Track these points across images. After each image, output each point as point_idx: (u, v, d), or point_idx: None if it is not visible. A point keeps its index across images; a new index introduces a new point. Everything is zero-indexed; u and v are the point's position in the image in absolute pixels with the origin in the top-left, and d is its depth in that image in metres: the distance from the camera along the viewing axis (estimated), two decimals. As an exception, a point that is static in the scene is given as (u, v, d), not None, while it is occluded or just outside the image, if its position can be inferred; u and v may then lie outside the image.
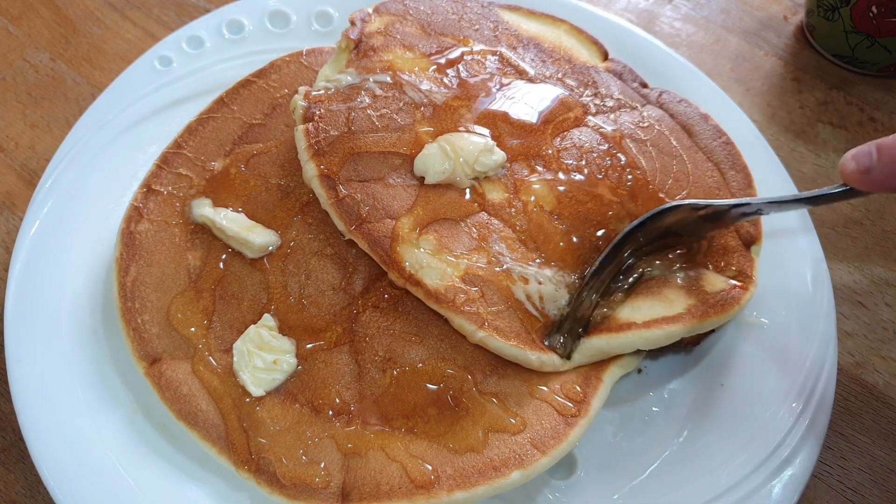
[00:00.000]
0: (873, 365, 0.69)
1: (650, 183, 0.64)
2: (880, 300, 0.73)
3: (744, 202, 0.59)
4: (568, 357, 0.56)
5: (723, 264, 0.62)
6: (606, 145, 0.65)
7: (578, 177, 0.63)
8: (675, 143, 0.68)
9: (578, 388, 0.56)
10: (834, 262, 0.75)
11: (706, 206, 0.59)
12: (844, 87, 0.88)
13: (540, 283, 0.56)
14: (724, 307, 0.58)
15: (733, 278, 0.61)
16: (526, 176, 0.62)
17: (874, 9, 0.80)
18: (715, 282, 0.60)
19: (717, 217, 0.60)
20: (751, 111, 0.86)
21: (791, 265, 0.66)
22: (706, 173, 0.67)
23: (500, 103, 0.65)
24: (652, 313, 0.57)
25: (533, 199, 0.61)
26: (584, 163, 0.64)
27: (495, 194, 0.60)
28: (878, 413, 0.66)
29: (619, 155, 0.65)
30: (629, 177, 0.64)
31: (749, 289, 0.60)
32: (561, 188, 0.62)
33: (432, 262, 0.56)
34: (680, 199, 0.64)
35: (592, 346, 0.56)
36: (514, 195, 0.61)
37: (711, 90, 0.77)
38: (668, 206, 0.60)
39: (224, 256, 0.63)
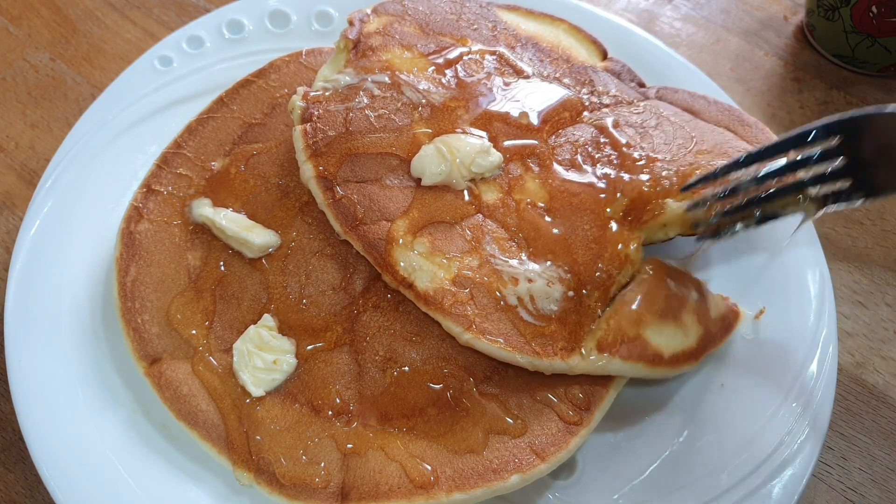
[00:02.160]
0: (873, 365, 0.69)
1: (650, 156, 0.63)
2: (880, 300, 0.73)
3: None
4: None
5: None
6: (602, 137, 0.65)
7: (573, 171, 0.63)
8: (675, 119, 0.68)
9: (582, 396, 0.56)
10: (834, 262, 0.75)
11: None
12: (844, 87, 0.88)
13: (530, 280, 0.56)
14: (722, 337, 0.60)
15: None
16: (521, 175, 0.62)
17: (874, 9, 0.80)
18: (718, 304, 0.61)
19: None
20: (751, 111, 0.86)
21: (791, 265, 0.66)
22: (716, 135, 0.66)
23: (497, 104, 0.65)
24: (674, 344, 0.57)
25: (528, 198, 0.60)
26: (579, 158, 0.63)
27: (491, 195, 0.60)
28: (878, 413, 0.66)
29: (615, 141, 0.65)
30: (627, 156, 0.63)
31: (740, 315, 0.62)
32: (554, 183, 0.62)
33: (425, 265, 0.56)
34: (691, 150, 0.63)
35: (616, 366, 0.55)
36: (510, 195, 0.61)
37: (711, 90, 0.77)
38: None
39: (224, 256, 0.63)
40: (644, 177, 0.61)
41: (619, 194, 0.61)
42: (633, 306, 0.57)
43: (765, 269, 0.66)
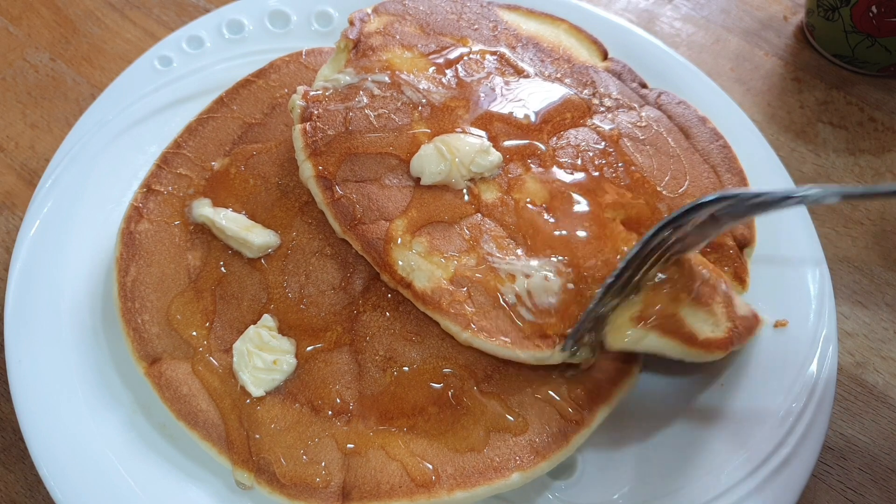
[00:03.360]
0: (873, 365, 0.69)
1: (647, 179, 0.64)
2: (880, 300, 0.73)
3: (802, 192, 0.47)
4: (574, 354, 0.54)
5: (721, 267, 0.62)
6: (603, 144, 0.65)
7: (574, 174, 0.63)
8: (672, 143, 0.68)
9: (585, 395, 0.56)
10: (834, 261, 0.75)
11: (758, 196, 0.50)
12: (844, 87, 0.88)
13: (527, 276, 0.56)
14: (746, 337, 0.58)
15: (732, 279, 0.62)
16: (521, 176, 0.62)
17: (874, 8, 0.80)
18: (743, 304, 0.60)
19: (746, 211, 0.52)
20: (751, 111, 0.86)
21: (791, 266, 0.66)
22: (703, 174, 0.67)
23: (497, 104, 0.65)
24: (707, 329, 0.55)
25: (527, 197, 0.60)
26: (580, 161, 0.64)
27: (490, 195, 0.60)
28: (878, 413, 0.66)
29: (615, 153, 0.65)
30: (625, 173, 0.64)
31: (761, 321, 0.60)
32: (555, 184, 0.62)
33: (423, 264, 0.56)
34: (680, 193, 0.64)
35: (651, 341, 0.53)
36: (509, 195, 0.61)
37: (711, 90, 0.77)
38: (712, 196, 0.52)
39: (224, 257, 0.63)
40: (642, 200, 0.62)
41: (619, 206, 0.61)
42: (670, 285, 0.55)
43: (765, 268, 0.66)
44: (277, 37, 0.80)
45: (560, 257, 0.57)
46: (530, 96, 0.67)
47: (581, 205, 0.61)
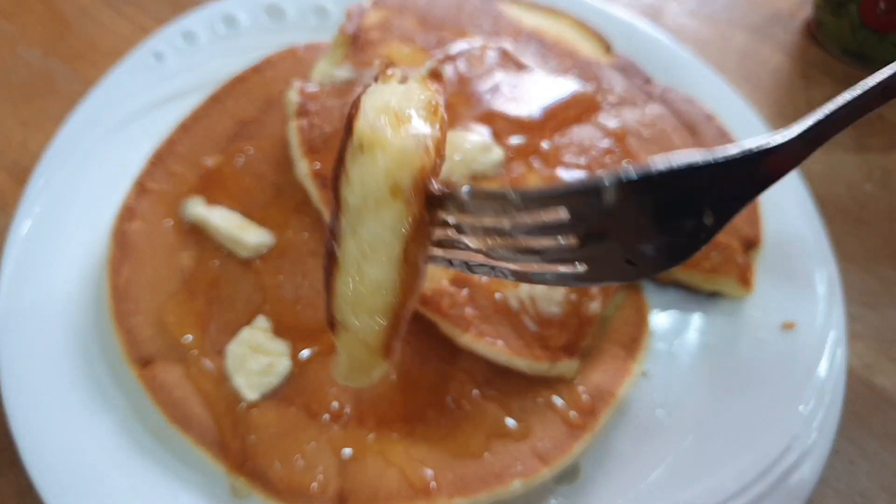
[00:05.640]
0: (882, 367, 0.68)
1: None
2: (889, 302, 0.72)
3: None
4: None
5: (723, 268, 0.61)
6: (607, 141, 0.64)
7: (577, 174, 0.62)
8: (677, 142, 0.67)
9: (588, 399, 0.55)
10: (843, 263, 0.73)
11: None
12: (852, 84, 0.87)
13: None
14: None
15: (736, 281, 0.61)
16: (524, 174, 0.61)
17: (882, 4, 0.79)
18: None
19: None
20: (757, 107, 0.85)
21: (799, 266, 0.65)
22: None
23: (499, 99, 0.64)
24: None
25: None
26: (583, 160, 0.62)
27: (492, 194, 0.59)
28: (887, 416, 0.65)
29: (619, 151, 0.64)
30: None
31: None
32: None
33: None
34: None
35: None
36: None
37: (718, 86, 0.76)
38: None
39: (218, 256, 0.62)
40: None
41: None
42: None
43: (772, 269, 0.64)
44: (273, 32, 0.80)
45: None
46: (533, 92, 0.66)
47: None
